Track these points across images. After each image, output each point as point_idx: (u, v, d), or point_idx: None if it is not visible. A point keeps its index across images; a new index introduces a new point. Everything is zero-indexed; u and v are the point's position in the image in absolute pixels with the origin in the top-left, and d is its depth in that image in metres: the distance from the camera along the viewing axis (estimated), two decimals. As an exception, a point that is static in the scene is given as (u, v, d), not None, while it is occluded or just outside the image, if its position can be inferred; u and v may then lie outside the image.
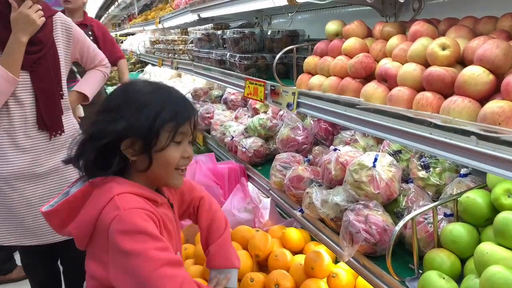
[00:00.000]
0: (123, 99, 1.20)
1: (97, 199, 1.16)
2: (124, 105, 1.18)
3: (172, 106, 1.21)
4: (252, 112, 2.84)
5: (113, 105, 1.19)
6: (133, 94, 1.20)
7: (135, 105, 1.18)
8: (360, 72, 1.58)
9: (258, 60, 2.52)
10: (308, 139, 2.10)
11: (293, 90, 1.92)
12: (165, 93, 1.24)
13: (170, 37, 4.69)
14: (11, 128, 2.09)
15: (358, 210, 1.43)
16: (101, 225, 1.12)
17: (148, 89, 1.23)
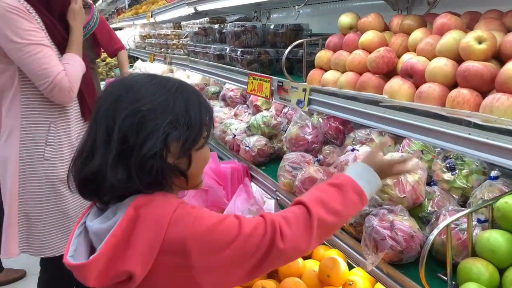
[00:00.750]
0: (156, 100, 1.01)
1: (154, 219, 0.95)
2: (163, 107, 1.00)
3: (203, 99, 1.11)
4: (253, 109, 2.73)
5: (144, 109, 0.98)
6: (167, 92, 1.03)
7: (179, 104, 1.02)
8: (382, 67, 1.48)
9: (262, 55, 2.41)
10: (318, 138, 1.99)
11: (304, 86, 1.81)
12: (190, 87, 1.10)
13: (163, 31, 4.54)
14: (68, 128, 2.12)
15: (382, 215, 1.33)
16: (174, 241, 0.94)
17: (174, 84, 1.06)
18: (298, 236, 1.02)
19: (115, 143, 0.96)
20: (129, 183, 0.96)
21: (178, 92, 1.04)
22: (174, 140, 0.99)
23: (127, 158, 0.96)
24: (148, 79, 1.06)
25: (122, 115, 0.97)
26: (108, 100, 1.02)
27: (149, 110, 0.98)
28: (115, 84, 1.06)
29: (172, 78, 1.11)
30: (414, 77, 1.36)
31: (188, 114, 1.02)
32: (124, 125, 0.97)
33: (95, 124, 1.01)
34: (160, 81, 1.06)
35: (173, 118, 1.00)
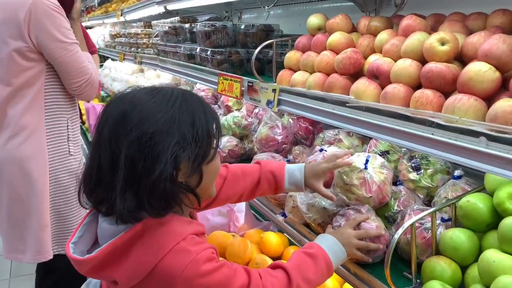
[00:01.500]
0: (160, 120, 0.95)
1: (157, 245, 0.97)
2: (168, 127, 0.95)
3: (208, 108, 1.06)
4: (225, 110, 2.71)
5: (149, 132, 0.94)
6: (170, 109, 0.98)
7: (183, 121, 0.98)
8: (349, 68, 1.49)
9: (232, 55, 2.40)
10: (288, 138, 2.00)
11: (273, 86, 1.81)
12: (194, 97, 1.06)
13: (133, 30, 4.47)
14: (78, 123, 2.20)
15: (349, 215, 1.34)
16: (165, 272, 0.95)
17: (177, 98, 1.01)
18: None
19: (122, 171, 0.93)
20: (139, 210, 0.95)
21: (182, 106, 0.99)
22: (183, 161, 0.96)
23: (135, 185, 0.93)
24: (149, 96, 1.00)
25: (126, 141, 0.93)
26: (110, 123, 0.97)
27: (154, 133, 0.93)
28: (115, 104, 1.00)
29: (174, 89, 1.06)
30: (380, 78, 1.37)
31: (195, 128, 0.98)
32: (130, 151, 0.93)
33: (98, 149, 0.98)
34: (163, 96, 1.00)
35: (180, 137, 0.96)
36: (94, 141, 1.01)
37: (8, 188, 2.00)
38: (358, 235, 1.28)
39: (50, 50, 1.95)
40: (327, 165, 1.38)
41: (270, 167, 1.42)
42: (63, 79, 2.06)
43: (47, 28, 1.93)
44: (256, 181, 1.40)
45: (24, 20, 1.89)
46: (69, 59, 2.00)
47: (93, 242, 1.08)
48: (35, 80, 2.00)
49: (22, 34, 1.90)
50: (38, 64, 1.99)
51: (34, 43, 1.93)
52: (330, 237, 1.26)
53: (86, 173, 1.02)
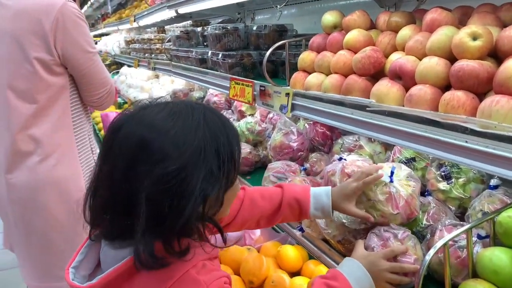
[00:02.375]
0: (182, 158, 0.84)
1: (161, 272, 0.86)
2: (192, 164, 0.84)
3: (230, 127, 0.94)
4: (238, 115, 2.60)
5: (174, 169, 0.82)
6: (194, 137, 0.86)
7: (209, 151, 0.86)
8: (368, 68, 1.36)
9: (244, 58, 2.29)
10: (304, 145, 1.87)
11: (286, 90, 1.69)
12: (214, 117, 0.92)
13: (146, 36, 4.41)
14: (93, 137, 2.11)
15: (385, 239, 1.18)
16: None
17: (199, 119, 0.89)
18: None
19: (143, 214, 0.82)
20: (165, 257, 0.84)
21: (206, 132, 0.87)
22: (213, 196, 0.86)
23: (159, 226, 0.83)
24: (170, 121, 0.87)
25: (147, 179, 0.82)
26: (125, 151, 0.85)
27: (180, 169, 0.82)
28: (130, 129, 0.87)
29: (194, 108, 0.92)
30: (404, 79, 1.24)
31: (220, 157, 0.88)
32: (153, 191, 0.82)
33: (110, 181, 0.87)
34: (184, 120, 0.87)
35: (207, 170, 0.85)
36: (105, 169, 0.89)
37: (43, 213, 1.86)
38: (392, 268, 1.13)
39: (77, 62, 1.83)
40: (357, 185, 1.23)
41: (293, 191, 1.28)
42: (85, 91, 1.94)
43: (76, 39, 1.81)
44: (277, 206, 1.26)
45: (50, 31, 1.74)
46: (94, 70, 1.90)
47: (95, 266, 0.98)
48: (59, 96, 1.86)
49: (48, 45, 1.75)
50: (62, 78, 1.86)
51: (59, 55, 1.79)
52: (359, 266, 1.11)
53: (98, 203, 0.91)
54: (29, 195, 1.85)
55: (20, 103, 1.80)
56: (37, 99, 1.80)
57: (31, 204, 1.86)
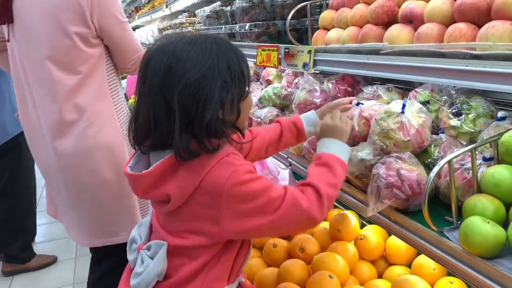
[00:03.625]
0: (202, 67, 1.06)
1: (204, 161, 1.09)
2: (210, 73, 1.07)
3: (237, 49, 1.16)
4: (266, 85, 2.73)
5: (194, 79, 1.05)
6: (209, 57, 1.08)
7: (222, 65, 1.08)
8: (382, 17, 1.46)
9: (270, 27, 2.42)
10: (327, 101, 1.98)
11: (308, 48, 1.81)
12: (223, 41, 1.15)
13: (178, 20, 4.61)
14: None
15: (389, 163, 1.32)
16: (210, 183, 1.08)
17: (211, 45, 1.10)
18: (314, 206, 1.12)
19: (178, 115, 1.05)
20: (198, 150, 1.07)
21: (218, 52, 1.09)
22: (228, 100, 1.08)
23: (190, 126, 1.06)
24: (189, 46, 1.09)
25: (177, 88, 1.05)
26: (157, 73, 1.08)
27: (200, 79, 1.05)
28: (159, 57, 1.10)
29: (208, 37, 1.14)
30: (414, 22, 1.34)
31: (231, 70, 1.09)
32: (182, 97, 1.05)
33: (150, 98, 1.09)
34: (200, 45, 1.10)
35: (222, 80, 1.07)
36: (144, 92, 1.11)
37: (93, 176, 1.98)
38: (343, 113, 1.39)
39: (112, 32, 1.94)
40: (327, 105, 1.55)
41: (288, 119, 1.55)
42: (120, 59, 2.05)
43: (111, 11, 1.92)
44: (279, 132, 1.51)
45: (86, 5, 1.84)
46: (128, 39, 2.01)
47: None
48: (98, 66, 1.97)
49: (85, 19, 1.85)
50: (99, 49, 1.97)
51: (96, 27, 1.90)
52: (329, 140, 1.31)
53: (142, 120, 1.12)
54: (78, 159, 1.97)
55: (64, 76, 1.90)
56: (80, 70, 1.91)
57: (80, 168, 1.97)
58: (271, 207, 1.08)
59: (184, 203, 1.11)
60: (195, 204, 1.10)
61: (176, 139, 1.04)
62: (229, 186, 1.06)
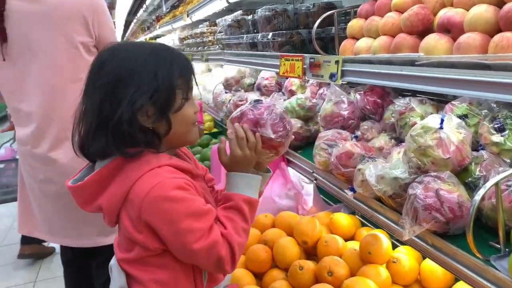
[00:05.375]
0: (125, 70, 1.09)
1: (133, 171, 1.09)
2: (130, 77, 1.09)
3: (178, 62, 1.15)
4: (288, 95, 2.65)
5: (114, 80, 1.09)
6: (136, 61, 1.11)
7: (146, 72, 1.10)
8: (417, 25, 1.37)
9: (293, 37, 2.35)
10: (355, 113, 1.89)
11: (336, 58, 1.73)
12: (166, 51, 1.15)
13: (199, 30, 4.58)
14: None
15: (427, 182, 1.22)
16: (134, 193, 1.07)
17: (146, 51, 1.13)
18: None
19: (94, 113, 1.09)
20: (106, 150, 1.08)
21: (148, 60, 1.10)
22: (141, 106, 1.06)
23: (104, 126, 1.07)
24: (126, 50, 1.14)
25: (96, 87, 1.10)
26: (91, 71, 1.15)
27: (117, 82, 1.08)
28: (99, 56, 1.17)
29: (151, 44, 1.19)
30: (452, 31, 1.25)
31: (156, 79, 1.08)
32: (100, 95, 1.09)
33: (84, 94, 1.15)
34: (135, 50, 1.14)
35: (139, 87, 1.07)
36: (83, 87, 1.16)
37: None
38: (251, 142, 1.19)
39: (107, 40, 2.07)
40: None
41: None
42: None
43: (107, 22, 2.12)
44: None
45: (89, 16, 2.02)
46: None
47: None
48: None
49: (89, 29, 2.02)
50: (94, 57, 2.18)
51: (96, 36, 2.07)
52: (234, 175, 1.19)
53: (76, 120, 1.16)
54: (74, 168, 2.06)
55: (68, 84, 2.01)
56: (81, 77, 2.00)
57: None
58: (187, 238, 1.05)
59: (119, 216, 1.11)
60: (125, 216, 1.10)
61: (90, 140, 1.09)
62: (149, 198, 1.03)
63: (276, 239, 1.73)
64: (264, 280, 1.64)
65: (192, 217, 1.05)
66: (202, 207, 1.08)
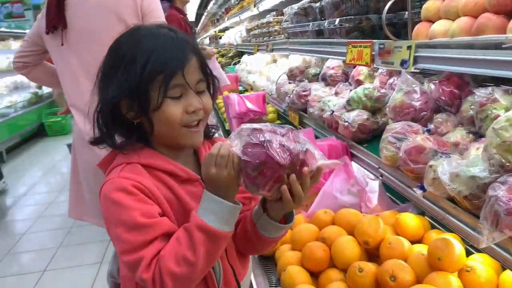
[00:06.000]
0: (113, 57, 1.08)
1: (115, 162, 1.11)
2: (114, 65, 1.07)
3: (158, 56, 1.03)
4: (355, 85, 2.51)
5: (107, 68, 1.09)
6: (121, 49, 1.07)
7: (124, 62, 1.05)
8: (505, 4, 1.20)
9: (362, 22, 2.19)
10: (428, 104, 1.72)
11: (408, 43, 1.57)
12: (152, 41, 1.05)
13: (265, 20, 4.52)
14: None
15: (511, 183, 1.06)
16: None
17: (137, 37, 1.07)
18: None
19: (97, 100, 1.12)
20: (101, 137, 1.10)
21: (133, 47, 1.05)
22: (115, 97, 1.04)
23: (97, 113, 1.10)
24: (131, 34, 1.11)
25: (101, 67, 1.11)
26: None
27: (109, 67, 1.08)
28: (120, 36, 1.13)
29: (158, 29, 1.11)
30: (551, 7, 1.07)
31: (129, 70, 1.03)
32: (98, 81, 1.11)
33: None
34: (136, 34, 1.10)
35: (118, 75, 1.04)
36: None
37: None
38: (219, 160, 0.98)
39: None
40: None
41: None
42: None
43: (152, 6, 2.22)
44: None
45: (140, 3, 2.16)
46: None
47: None
48: None
49: (137, 13, 2.15)
50: None
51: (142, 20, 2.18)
52: (207, 197, 1.01)
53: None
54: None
55: None
56: None
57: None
58: (116, 245, 1.01)
59: None
60: None
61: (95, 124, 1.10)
62: (101, 193, 1.04)
63: (335, 237, 1.62)
64: (320, 280, 1.54)
65: (123, 227, 0.97)
66: (137, 218, 0.96)
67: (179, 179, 1.09)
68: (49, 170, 6.51)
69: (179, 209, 1.08)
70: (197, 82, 1.08)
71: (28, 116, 8.44)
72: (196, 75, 1.08)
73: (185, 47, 1.07)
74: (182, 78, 1.04)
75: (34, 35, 2.27)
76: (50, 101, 9.49)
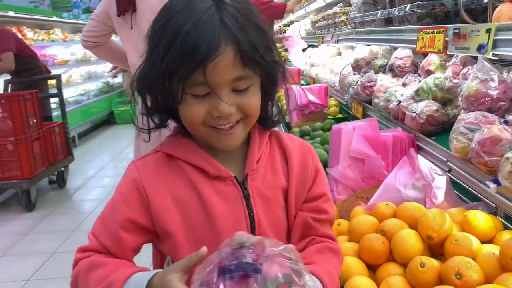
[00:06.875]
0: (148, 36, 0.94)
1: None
2: (148, 45, 0.93)
3: (179, 45, 0.83)
4: (425, 76, 2.37)
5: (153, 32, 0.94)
6: (152, 28, 0.94)
7: (152, 43, 0.92)
8: None
9: (436, 8, 2.07)
10: (507, 94, 1.58)
11: (487, 26, 1.46)
12: (180, 20, 0.85)
13: (331, 11, 4.42)
14: None
15: None
16: None
17: (170, 14, 0.89)
18: None
19: None
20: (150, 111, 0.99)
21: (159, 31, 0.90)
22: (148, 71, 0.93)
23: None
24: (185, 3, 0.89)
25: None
26: None
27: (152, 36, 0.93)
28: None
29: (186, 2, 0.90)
30: None
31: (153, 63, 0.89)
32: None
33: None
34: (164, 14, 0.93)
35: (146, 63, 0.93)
36: None
37: None
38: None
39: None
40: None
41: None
42: None
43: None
44: None
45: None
46: None
47: None
48: None
49: None
50: None
51: None
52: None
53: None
54: None
55: None
56: None
57: None
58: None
59: None
60: None
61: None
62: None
63: (396, 230, 1.52)
64: (378, 273, 1.46)
65: (106, 211, 1.03)
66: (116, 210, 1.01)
67: (209, 175, 0.97)
68: (116, 155, 6.85)
69: (198, 211, 0.96)
70: (233, 80, 0.87)
71: (99, 104, 8.94)
72: (231, 72, 0.85)
73: (216, 35, 0.82)
74: (202, 76, 0.83)
75: (103, 15, 2.31)
76: (120, 91, 9.97)
